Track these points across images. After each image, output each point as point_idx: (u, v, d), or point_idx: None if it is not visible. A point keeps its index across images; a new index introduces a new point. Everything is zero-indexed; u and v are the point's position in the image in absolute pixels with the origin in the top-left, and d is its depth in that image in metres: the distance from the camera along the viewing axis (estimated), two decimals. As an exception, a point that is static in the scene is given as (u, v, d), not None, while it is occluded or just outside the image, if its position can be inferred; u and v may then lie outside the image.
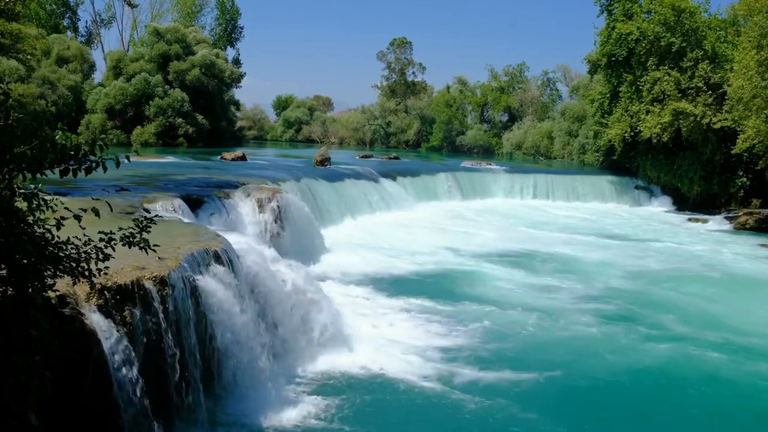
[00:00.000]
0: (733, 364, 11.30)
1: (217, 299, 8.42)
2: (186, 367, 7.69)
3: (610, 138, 35.59)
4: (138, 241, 5.51)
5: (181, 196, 14.86)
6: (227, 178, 20.00)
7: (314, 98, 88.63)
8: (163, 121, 47.22)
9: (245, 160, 31.33)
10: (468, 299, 14.45)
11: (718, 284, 17.47)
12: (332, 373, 10.00)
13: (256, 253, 10.59)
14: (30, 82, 43.48)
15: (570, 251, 21.05)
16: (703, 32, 33.02)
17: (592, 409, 9.55)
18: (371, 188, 26.91)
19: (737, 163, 31.77)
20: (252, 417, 8.34)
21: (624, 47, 33.88)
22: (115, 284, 6.86)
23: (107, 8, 68.04)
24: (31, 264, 4.78)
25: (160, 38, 50.70)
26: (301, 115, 79.80)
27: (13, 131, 4.67)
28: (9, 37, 24.79)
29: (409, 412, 8.99)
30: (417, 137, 72.87)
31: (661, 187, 35.76)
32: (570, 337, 12.40)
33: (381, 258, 18.22)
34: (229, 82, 55.10)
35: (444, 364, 10.54)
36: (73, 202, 5.89)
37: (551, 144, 56.01)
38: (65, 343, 5.66)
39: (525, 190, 35.26)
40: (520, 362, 10.80)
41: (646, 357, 11.48)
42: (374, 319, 12.58)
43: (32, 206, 4.79)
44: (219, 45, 64.73)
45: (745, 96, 27.35)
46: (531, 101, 65.93)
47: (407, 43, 76.04)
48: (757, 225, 28.52)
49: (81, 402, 6.18)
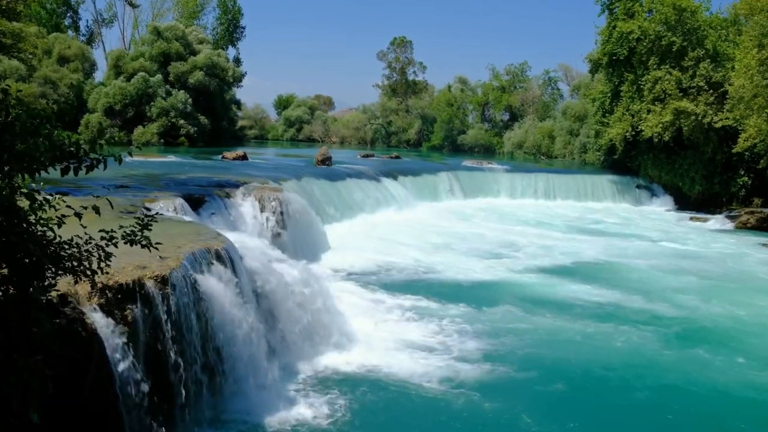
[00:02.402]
0: (734, 362, 11.29)
1: (219, 298, 8.42)
2: (187, 366, 7.68)
3: (612, 137, 35.56)
4: (139, 239, 5.50)
5: (183, 196, 14.85)
6: (228, 177, 19.98)
7: (315, 97, 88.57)
8: (165, 122, 47.26)
9: (246, 160, 31.32)
10: (470, 299, 14.41)
11: (719, 283, 17.46)
12: (333, 371, 9.98)
13: (257, 252, 10.59)
14: (31, 81, 43.50)
15: (571, 250, 21.03)
16: (704, 31, 32.99)
17: (599, 409, 9.51)
18: (372, 187, 26.90)
19: (738, 163, 31.75)
20: (253, 416, 8.33)
21: (625, 46, 33.85)
22: (116, 283, 6.86)
23: (108, 8, 67.83)
24: (33, 263, 4.78)
25: (160, 37, 50.69)
26: (302, 115, 79.79)
27: (13, 129, 4.66)
28: (10, 37, 24.80)
29: (410, 412, 8.97)
30: (418, 136, 72.85)
31: (662, 187, 35.73)
32: (576, 335, 12.36)
33: (382, 257, 18.21)
34: (230, 82, 55.09)
35: (446, 363, 10.52)
36: (74, 201, 5.88)
37: (552, 143, 55.98)
38: (66, 342, 5.65)
39: (526, 190, 35.24)
40: (524, 362, 10.76)
41: (646, 356, 11.45)
42: (376, 317, 12.56)
43: (34, 205, 4.79)
44: (220, 44, 64.74)
45: (746, 95, 27.33)
46: (532, 100, 65.87)
47: (407, 43, 76.09)
48: (758, 224, 28.50)
49: (82, 401, 6.17)
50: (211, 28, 68.86)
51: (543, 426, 8.65)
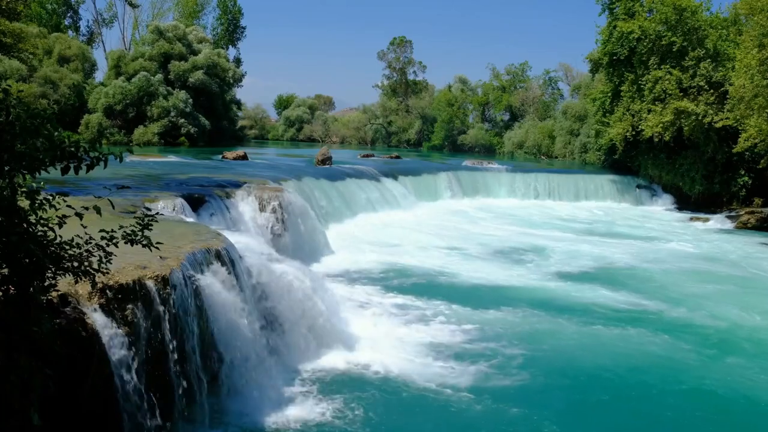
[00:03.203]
0: (734, 360, 11.29)
1: (219, 298, 8.42)
2: (187, 365, 7.69)
3: (612, 137, 35.56)
4: (140, 239, 5.51)
5: (183, 196, 14.85)
6: (229, 177, 19.99)
7: (315, 97, 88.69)
8: (165, 122, 47.28)
9: (247, 160, 31.34)
10: (472, 298, 14.41)
11: (720, 282, 17.44)
12: (333, 371, 9.97)
13: (257, 252, 10.60)
14: (32, 81, 43.53)
15: (573, 249, 21.03)
16: (704, 31, 32.98)
17: (600, 409, 9.50)
18: (373, 187, 26.90)
19: (739, 163, 31.72)
20: (253, 416, 8.33)
21: (625, 46, 33.85)
22: (116, 283, 6.86)
23: (109, 8, 67.89)
24: (33, 263, 4.78)
25: (161, 37, 50.72)
26: (303, 115, 79.86)
27: (13, 129, 4.67)
28: (11, 37, 24.82)
29: (410, 412, 8.96)
30: (418, 136, 72.88)
31: (662, 187, 35.73)
32: (580, 335, 12.34)
33: (383, 257, 18.21)
34: (230, 82, 55.14)
35: (447, 363, 10.51)
36: (75, 201, 5.88)
37: (552, 143, 55.99)
38: (67, 342, 5.66)
39: (527, 190, 35.24)
40: (526, 362, 10.74)
41: (647, 353, 11.46)
42: (376, 317, 12.56)
43: (34, 205, 4.79)
44: (220, 44, 64.80)
45: (746, 95, 27.30)
46: (532, 100, 65.89)
47: (407, 42, 76.15)
48: (758, 224, 28.50)
49: (82, 401, 6.18)
50: (211, 28, 69.04)
51: (547, 427, 8.63)
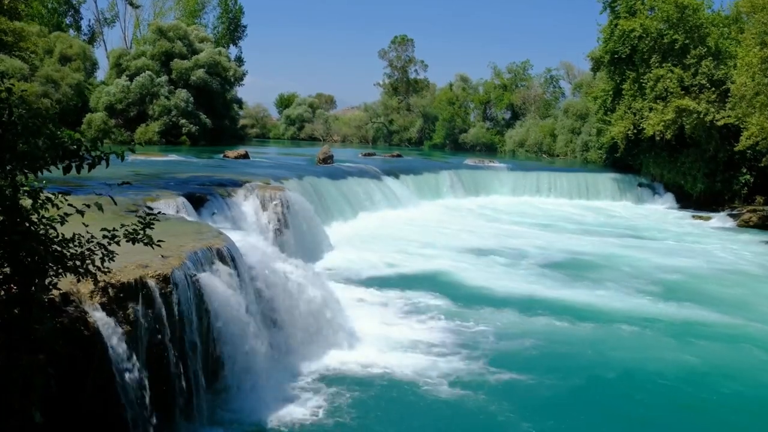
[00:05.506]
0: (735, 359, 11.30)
1: (220, 297, 8.42)
2: (188, 364, 7.70)
3: (613, 135, 35.52)
4: (142, 238, 5.51)
5: (184, 194, 14.85)
6: (230, 176, 19.99)
7: (317, 96, 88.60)
8: (166, 121, 47.30)
9: (248, 159, 31.36)
10: (473, 297, 14.41)
11: (720, 282, 17.43)
12: (335, 371, 9.98)
13: (259, 251, 10.59)
14: (33, 80, 43.52)
15: (573, 249, 21.02)
16: (706, 29, 32.91)
17: (600, 410, 9.50)
18: (374, 186, 26.90)
19: (741, 161, 31.66)
20: (254, 415, 8.34)
21: (627, 44, 33.79)
22: (118, 282, 6.87)
23: (110, 7, 67.90)
24: (35, 262, 4.78)
25: (163, 36, 50.70)
26: (304, 113, 79.81)
27: (15, 129, 4.67)
28: (12, 36, 24.84)
29: (412, 411, 8.96)
30: (419, 135, 72.82)
31: (664, 185, 35.68)
32: (581, 335, 12.33)
33: (384, 256, 18.21)
34: (232, 81, 55.11)
35: (448, 362, 10.51)
36: (77, 200, 5.89)
37: (554, 142, 55.96)
38: (68, 340, 5.66)
39: (528, 188, 35.23)
40: (527, 362, 10.74)
41: (645, 354, 11.45)
42: (377, 316, 12.56)
43: (36, 204, 4.79)
44: (221, 43, 64.73)
45: (748, 93, 27.23)
46: (534, 99, 65.80)
47: (409, 41, 76.07)
48: (760, 222, 28.48)
49: (83, 400, 6.19)
50: (212, 27, 68.92)
51: (548, 428, 8.64)
